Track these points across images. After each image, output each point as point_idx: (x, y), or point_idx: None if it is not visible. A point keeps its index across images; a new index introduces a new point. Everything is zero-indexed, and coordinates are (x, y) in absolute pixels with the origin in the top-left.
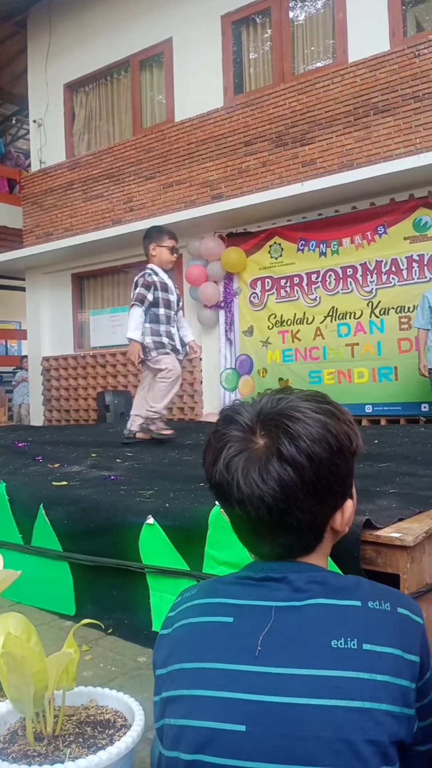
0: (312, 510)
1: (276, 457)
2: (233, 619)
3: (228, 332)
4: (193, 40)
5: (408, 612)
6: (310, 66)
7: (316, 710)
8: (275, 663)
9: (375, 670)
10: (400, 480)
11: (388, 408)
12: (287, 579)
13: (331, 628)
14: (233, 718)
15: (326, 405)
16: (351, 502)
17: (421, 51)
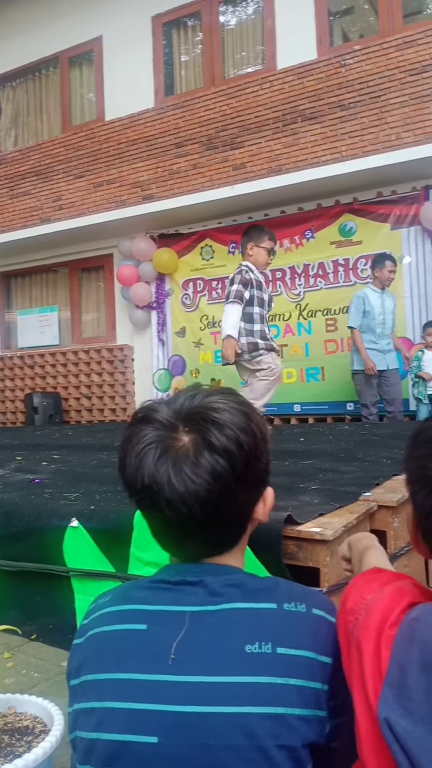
0: (242, 499)
1: (207, 449)
2: (146, 627)
3: (160, 333)
4: (124, 39)
5: (323, 613)
6: (240, 71)
7: (229, 718)
8: (189, 671)
9: (289, 675)
10: (323, 476)
11: (315, 407)
12: (203, 582)
13: (245, 633)
14: (144, 730)
15: (238, 397)
16: (271, 490)
17: (346, 61)
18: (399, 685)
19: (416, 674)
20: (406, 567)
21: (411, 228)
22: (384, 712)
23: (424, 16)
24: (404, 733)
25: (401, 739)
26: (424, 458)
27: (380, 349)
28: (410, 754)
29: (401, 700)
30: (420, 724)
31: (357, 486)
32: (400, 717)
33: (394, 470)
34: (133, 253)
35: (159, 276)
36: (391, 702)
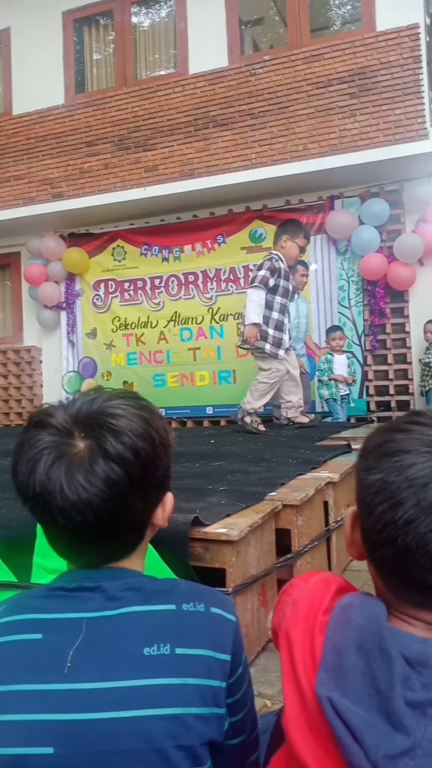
0: (139, 507)
1: (102, 457)
2: (42, 636)
3: (70, 334)
4: (33, 33)
5: (221, 611)
6: (153, 73)
7: (126, 723)
8: (85, 678)
9: (187, 674)
10: (231, 477)
11: (227, 409)
12: (101, 588)
13: (143, 636)
14: (40, 741)
15: (141, 401)
16: (170, 495)
17: (256, 70)
18: (335, 668)
19: (353, 657)
20: (309, 564)
21: (317, 236)
22: (325, 692)
23: (331, 31)
24: (346, 709)
25: (344, 716)
26: (388, 471)
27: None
28: (353, 729)
29: (338, 681)
30: (358, 703)
31: (263, 486)
32: (339, 696)
33: (299, 470)
34: (41, 251)
35: (69, 276)
36: (328, 684)
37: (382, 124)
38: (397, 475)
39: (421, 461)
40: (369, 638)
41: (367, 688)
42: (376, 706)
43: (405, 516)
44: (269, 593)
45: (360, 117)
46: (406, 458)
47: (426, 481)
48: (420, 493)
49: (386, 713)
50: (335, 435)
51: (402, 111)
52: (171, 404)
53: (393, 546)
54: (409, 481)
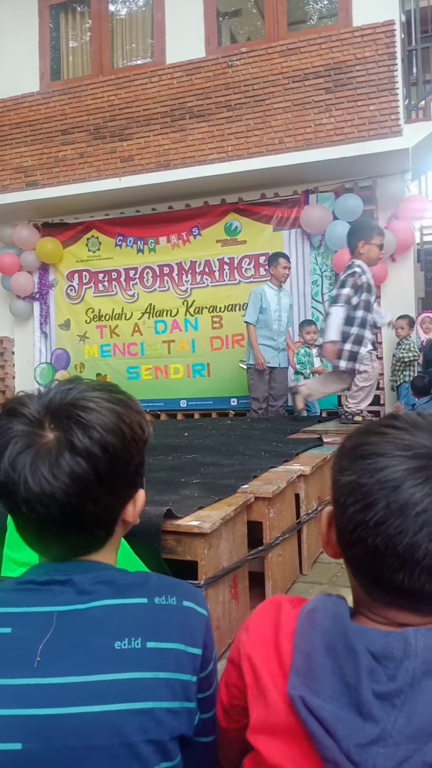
0: (105, 503)
1: (68, 450)
2: (11, 630)
3: (43, 325)
4: (8, 19)
5: (193, 605)
6: (130, 62)
7: (95, 717)
8: (55, 672)
9: (158, 668)
10: (204, 470)
11: (200, 402)
12: (72, 581)
13: (115, 630)
14: (8, 737)
15: (118, 395)
16: (142, 492)
17: (233, 62)
18: (305, 671)
19: (321, 658)
20: (280, 556)
21: (292, 230)
22: (297, 693)
23: (308, 26)
24: (317, 706)
25: (316, 712)
26: (361, 473)
27: (275, 347)
28: (324, 723)
29: (309, 683)
30: (329, 701)
31: (236, 479)
32: (311, 696)
33: (271, 463)
34: (14, 241)
35: (42, 266)
36: (300, 686)
37: (357, 120)
38: (370, 477)
39: (393, 464)
40: (335, 638)
41: (337, 685)
42: (347, 700)
43: (375, 517)
44: (241, 586)
45: (335, 112)
46: (379, 461)
47: (397, 484)
48: (390, 496)
49: (356, 705)
50: (307, 428)
51: (376, 107)
52: (145, 397)
53: (364, 546)
54: (381, 484)
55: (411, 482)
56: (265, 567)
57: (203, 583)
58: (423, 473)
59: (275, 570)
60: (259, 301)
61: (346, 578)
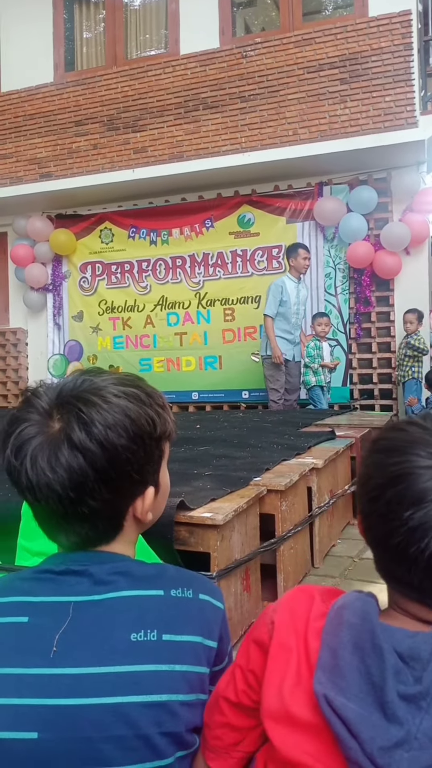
0: (105, 498)
1: (66, 444)
2: (28, 619)
3: (56, 316)
4: (23, 9)
5: (210, 598)
6: (143, 53)
7: (111, 709)
8: (71, 663)
9: (174, 661)
10: (216, 462)
11: (212, 395)
12: (88, 571)
13: (131, 622)
14: (24, 726)
15: (132, 388)
16: (152, 490)
17: (248, 52)
18: (332, 668)
19: (348, 656)
20: (292, 549)
21: (305, 222)
22: (322, 690)
23: (323, 16)
24: (342, 706)
25: (340, 712)
26: (379, 470)
27: (292, 340)
28: (349, 724)
29: (335, 680)
30: (354, 700)
31: (248, 471)
32: (336, 695)
33: (284, 455)
34: (28, 232)
35: (56, 257)
36: (326, 682)
37: (372, 111)
38: (404, 485)
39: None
40: (363, 636)
41: (363, 684)
42: (371, 700)
43: (410, 524)
44: (253, 578)
45: (350, 103)
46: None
47: (423, 489)
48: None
49: (381, 706)
50: (319, 422)
51: (392, 98)
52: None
53: (395, 551)
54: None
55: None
56: (277, 559)
57: (216, 574)
58: None
59: (287, 563)
60: (279, 293)
61: (358, 571)
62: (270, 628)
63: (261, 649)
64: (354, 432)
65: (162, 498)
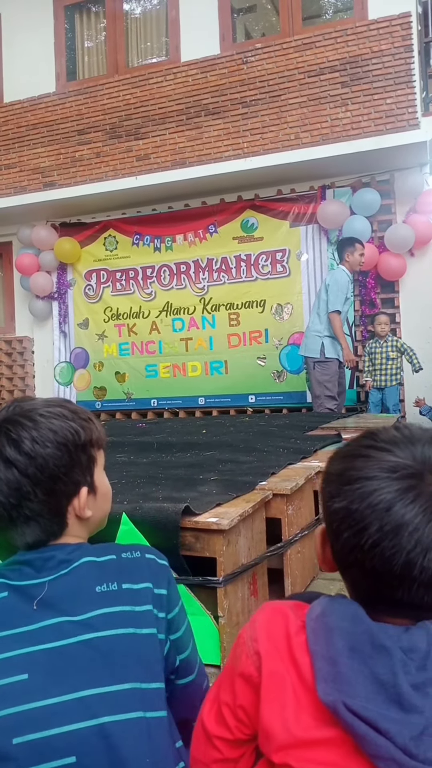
0: (41, 499)
1: (1, 460)
2: (8, 594)
3: (62, 324)
4: (24, 20)
5: (154, 557)
6: (145, 61)
7: (86, 643)
8: (50, 616)
9: (135, 603)
10: (222, 467)
11: (218, 400)
12: (54, 557)
13: (94, 579)
14: (14, 672)
15: (57, 408)
16: (85, 490)
17: (248, 58)
18: (334, 676)
19: (347, 660)
20: (299, 553)
21: (309, 226)
22: (336, 699)
23: (323, 20)
24: (362, 708)
25: (361, 714)
26: (351, 499)
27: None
28: (374, 723)
29: (342, 687)
30: (367, 702)
31: (254, 475)
32: (351, 700)
33: (289, 459)
34: (33, 241)
35: (60, 266)
36: (334, 692)
37: (374, 114)
38: (360, 502)
39: (381, 487)
40: (359, 638)
41: (369, 686)
42: (383, 698)
43: (370, 541)
44: (260, 582)
45: (351, 106)
46: (367, 485)
47: (388, 506)
48: (383, 519)
49: (396, 701)
50: (325, 425)
51: (393, 100)
52: (163, 395)
53: (361, 568)
54: (372, 508)
55: (401, 503)
56: (285, 564)
57: (222, 579)
58: (411, 493)
59: (294, 567)
60: (347, 287)
61: None
62: (256, 659)
63: (249, 684)
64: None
65: (102, 499)
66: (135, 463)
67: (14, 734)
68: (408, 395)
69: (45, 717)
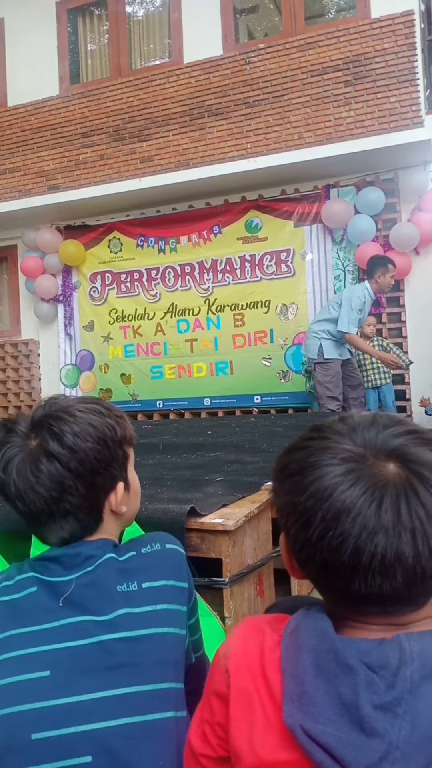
0: (82, 493)
1: (44, 455)
2: (37, 589)
3: (68, 327)
4: (27, 24)
5: (175, 546)
6: (148, 63)
7: (109, 643)
8: (74, 615)
9: (155, 602)
10: (227, 468)
11: (224, 400)
12: (81, 554)
13: (116, 577)
14: (37, 668)
15: (92, 404)
16: (122, 485)
17: (251, 58)
18: (299, 696)
19: (312, 680)
20: None
21: (313, 226)
22: (296, 722)
23: (326, 19)
24: (319, 733)
25: (318, 739)
26: (292, 492)
27: (342, 342)
28: (329, 749)
29: (305, 708)
30: (329, 725)
31: (259, 476)
32: (311, 723)
33: None
34: (37, 244)
35: (65, 268)
36: (297, 713)
37: (377, 112)
38: (302, 493)
39: (322, 475)
40: (324, 656)
41: (334, 706)
42: (346, 720)
43: (316, 532)
44: (266, 583)
45: (355, 105)
46: (307, 475)
47: (329, 493)
48: (324, 507)
49: (358, 723)
50: None
51: (397, 99)
52: (169, 396)
53: (314, 563)
54: (313, 497)
55: (342, 487)
56: None
57: (228, 580)
58: (352, 475)
59: None
60: (360, 307)
61: None
62: (226, 677)
63: (221, 701)
64: None
65: (134, 495)
66: (140, 464)
67: (33, 729)
68: (413, 394)
69: (64, 715)
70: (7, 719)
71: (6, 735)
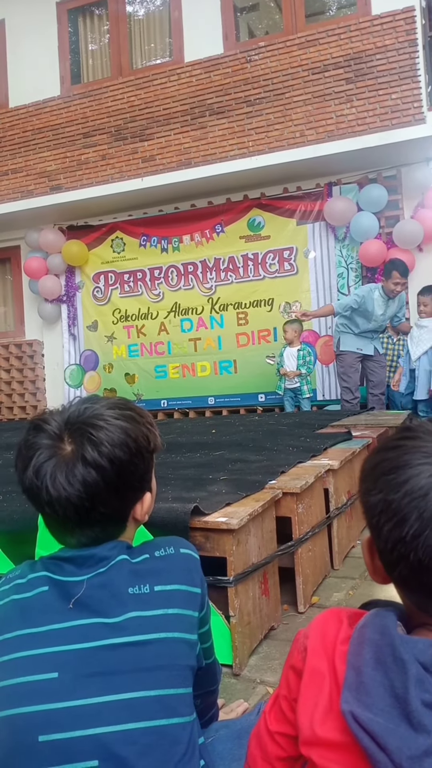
0: (114, 505)
1: (81, 462)
2: (48, 588)
3: (71, 327)
4: (28, 24)
5: (189, 551)
6: (148, 62)
7: (117, 647)
8: (84, 616)
9: (166, 606)
10: (231, 466)
11: (228, 399)
12: (95, 555)
13: (128, 579)
14: (45, 669)
15: (127, 411)
16: (149, 495)
17: (252, 57)
18: (357, 686)
19: (371, 671)
20: (310, 551)
21: (315, 223)
22: (348, 708)
23: (326, 16)
24: (368, 720)
25: (366, 726)
26: (387, 490)
27: (370, 336)
28: (375, 737)
29: (360, 697)
30: (380, 714)
31: (263, 474)
32: (362, 711)
33: (299, 458)
34: (41, 245)
35: (69, 268)
36: (352, 701)
37: (379, 109)
38: (396, 492)
39: (416, 474)
40: (383, 650)
41: (387, 698)
42: (397, 713)
43: (411, 531)
44: (271, 581)
45: (356, 102)
46: (401, 473)
47: (425, 491)
48: (421, 506)
49: (406, 717)
50: (336, 423)
51: (398, 95)
52: (172, 395)
53: (407, 563)
54: (409, 496)
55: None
56: (295, 562)
57: (233, 579)
58: None
59: (305, 565)
60: (358, 303)
61: None
62: (303, 654)
63: (296, 675)
64: (371, 432)
65: (153, 501)
66: None
67: (40, 732)
68: None
69: (71, 718)
70: (14, 720)
71: (13, 736)
